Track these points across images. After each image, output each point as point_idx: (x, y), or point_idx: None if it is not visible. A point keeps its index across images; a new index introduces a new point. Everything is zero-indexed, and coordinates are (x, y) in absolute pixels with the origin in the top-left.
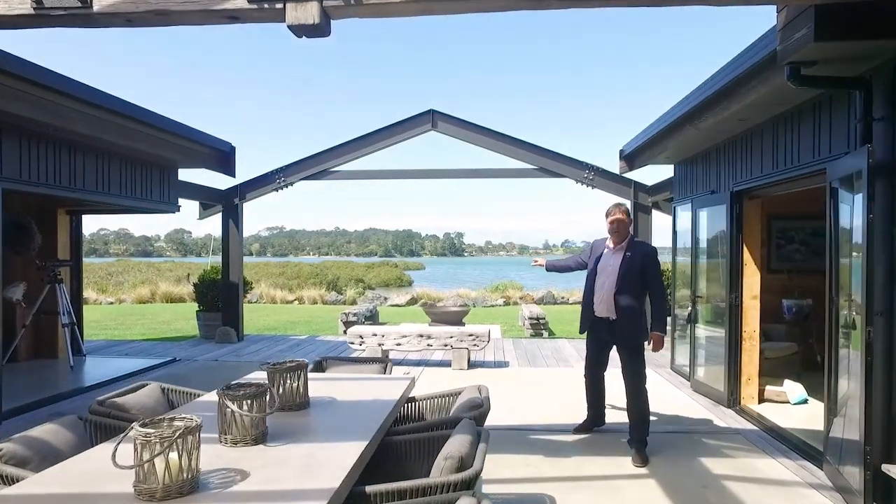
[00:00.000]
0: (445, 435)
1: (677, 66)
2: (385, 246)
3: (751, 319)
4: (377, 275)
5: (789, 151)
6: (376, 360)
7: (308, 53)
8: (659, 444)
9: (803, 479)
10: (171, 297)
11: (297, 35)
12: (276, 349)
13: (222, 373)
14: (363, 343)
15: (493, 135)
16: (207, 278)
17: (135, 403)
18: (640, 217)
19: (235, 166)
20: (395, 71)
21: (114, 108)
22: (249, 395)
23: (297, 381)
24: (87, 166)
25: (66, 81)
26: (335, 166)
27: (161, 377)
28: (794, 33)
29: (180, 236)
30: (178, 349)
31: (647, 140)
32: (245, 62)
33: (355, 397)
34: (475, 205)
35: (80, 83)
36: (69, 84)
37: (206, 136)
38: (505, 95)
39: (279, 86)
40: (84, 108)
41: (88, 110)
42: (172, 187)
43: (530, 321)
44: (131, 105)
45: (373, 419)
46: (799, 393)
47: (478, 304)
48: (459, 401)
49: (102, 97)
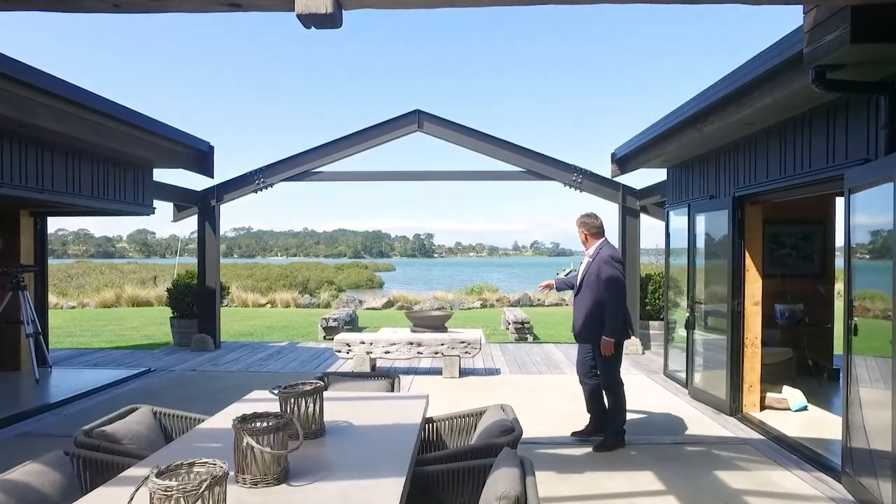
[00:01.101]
0: (483, 465)
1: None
2: (354, 247)
3: (752, 326)
4: (347, 276)
5: (799, 157)
6: (383, 376)
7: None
8: (669, 456)
9: (824, 494)
10: (137, 300)
11: (307, 25)
12: (256, 357)
13: (203, 384)
14: (350, 351)
15: (480, 136)
16: (182, 283)
17: (126, 432)
18: (627, 221)
19: (214, 167)
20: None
21: (85, 102)
22: (271, 428)
23: (313, 406)
24: (57, 165)
25: (32, 72)
26: (317, 167)
27: (136, 390)
28: (825, 35)
29: (143, 237)
30: (151, 358)
31: (645, 143)
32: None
33: (372, 420)
34: (445, 206)
35: (48, 74)
36: (36, 75)
37: (184, 135)
38: (488, 94)
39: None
40: (52, 101)
41: (57, 104)
42: (147, 188)
43: (515, 325)
44: (104, 100)
45: (402, 448)
46: (799, 400)
47: (455, 306)
48: (484, 422)
49: (73, 90)
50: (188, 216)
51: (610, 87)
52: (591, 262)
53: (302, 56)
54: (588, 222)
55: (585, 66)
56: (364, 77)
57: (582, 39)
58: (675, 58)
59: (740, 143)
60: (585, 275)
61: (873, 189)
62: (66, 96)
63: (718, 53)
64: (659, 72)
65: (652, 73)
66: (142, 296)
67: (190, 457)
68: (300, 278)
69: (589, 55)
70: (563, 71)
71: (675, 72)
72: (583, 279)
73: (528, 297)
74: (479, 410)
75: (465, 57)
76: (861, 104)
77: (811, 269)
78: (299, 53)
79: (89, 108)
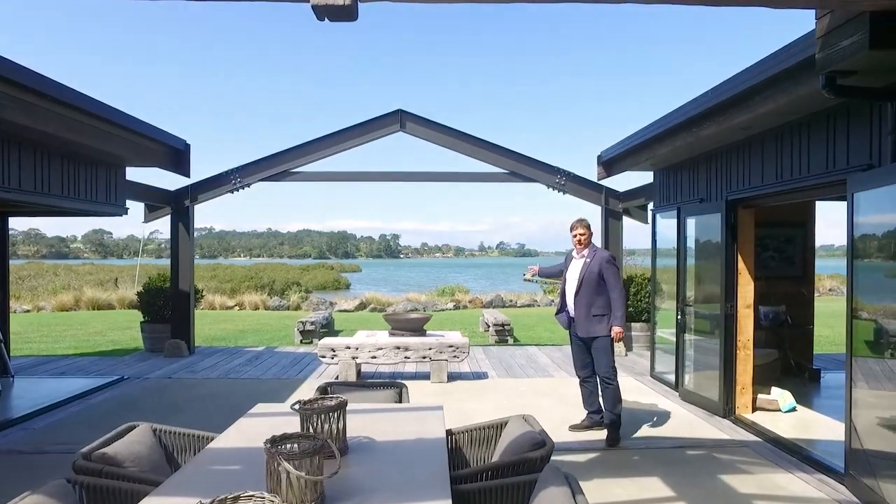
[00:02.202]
0: (522, 483)
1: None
2: (319, 248)
3: (745, 328)
4: (313, 277)
5: (796, 161)
6: (390, 385)
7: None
8: (672, 460)
9: (829, 496)
10: (98, 303)
11: (320, 18)
12: (234, 363)
13: (182, 392)
14: (335, 356)
15: (464, 137)
16: (154, 285)
17: (128, 454)
18: (610, 223)
19: (190, 165)
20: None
21: (55, 95)
22: (308, 452)
23: (337, 424)
24: (24, 162)
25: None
26: (296, 167)
27: (111, 400)
28: (840, 40)
29: (99, 237)
30: (123, 365)
31: (635, 146)
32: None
33: (393, 436)
34: (410, 207)
35: (14, 63)
36: (2, 64)
37: (159, 132)
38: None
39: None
40: (19, 93)
41: (24, 96)
42: (120, 188)
43: (495, 328)
44: (77, 93)
45: (435, 466)
46: (789, 401)
47: (428, 308)
48: (510, 435)
49: (43, 82)
50: (160, 217)
51: (598, 94)
52: (588, 262)
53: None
54: (589, 226)
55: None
56: (364, 75)
57: (571, 43)
58: (664, 60)
59: (734, 147)
60: (585, 275)
61: (877, 191)
62: (35, 88)
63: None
64: (645, 76)
65: (644, 78)
66: (103, 299)
67: (207, 482)
68: (265, 279)
69: (579, 59)
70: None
71: (660, 75)
72: (583, 279)
73: (501, 298)
74: (501, 422)
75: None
76: (863, 110)
77: (793, 272)
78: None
79: (61, 101)
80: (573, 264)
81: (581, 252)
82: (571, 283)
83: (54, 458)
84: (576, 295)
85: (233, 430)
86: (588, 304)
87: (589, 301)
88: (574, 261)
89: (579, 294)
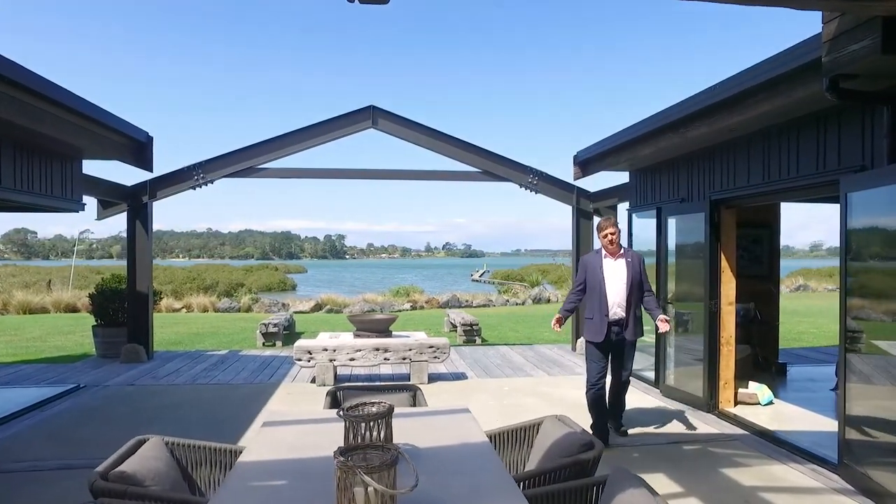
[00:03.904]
0: (584, 486)
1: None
2: (262, 248)
3: (727, 325)
4: (258, 278)
5: (785, 162)
6: (403, 388)
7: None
8: (671, 456)
9: (826, 485)
10: (29, 307)
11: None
12: (199, 368)
13: (149, 401)
14: (312, 359)
15: (437, 135)
16: (107, 288)
17: (147, 471)
18: (581, 223)
19: (153, 159)
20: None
21: (15, 77)
22: (386, 464)
23: (384, 431)
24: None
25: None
26: (263, 163)
27: (71, 411)
28: (849, 45)
29: (22, 237)
30: (75, 372)
31: (616, 146)
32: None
33: (435, 441)
34: (356, 207)
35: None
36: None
37: (122, 122)
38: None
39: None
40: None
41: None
42: (76, 182)
43: (463, 328)
44: (32, 74)
45: (496, 472)
46: (767, 394)
47: (385, 308)
48: (548, 436)
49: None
50: (115, 214)
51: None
52: (630, 262)
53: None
54: (617, 223)
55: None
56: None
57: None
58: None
59: (717, 148)
60: (633, 276)
61: (872, 191)
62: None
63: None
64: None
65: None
66: (35, 302)
67: (257, 499)
68: (208, 280)
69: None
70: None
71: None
72: (632, 281)
73: (458, 298)
74: (535, 422)
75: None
76: (855, 113)
77: (760, 271)
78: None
79: (15, 83)
80: (609, 267)
81: (617, 253)
82: (617, 285)
83: (18, 477)
84: (627, 298)
85: (258, 442)
86: (636, 305)
87: (636, 302)
88: (609, 263)
89: (631, 296)
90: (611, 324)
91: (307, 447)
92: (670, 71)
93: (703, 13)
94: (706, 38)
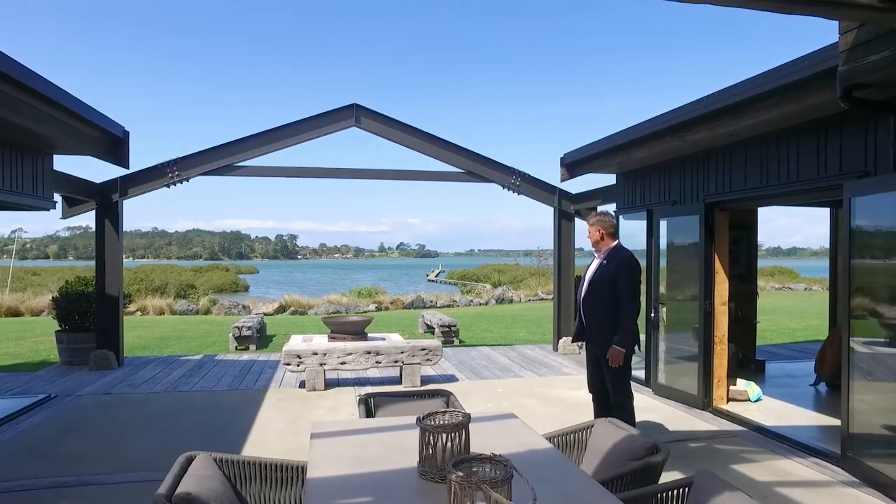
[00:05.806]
0: (663, 489)
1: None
2: (211, 248)
3: (720, 324)
4: (209, 279)
5: (784, 167)
6: (436, 394)
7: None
8: (680, 454)
9: (833, 478)
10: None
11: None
12: (176, 375)
13: (132, 411)
14: (301, 364)
15: (421, 135)
16: (72, 291)
17: (210, 492)
18: (563, 224)
19: (129, 155)
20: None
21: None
22: (505, 477)
23: (459, 442)
24: None
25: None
26: (241, 160)
27: (47, 425)
28: (868, 55)
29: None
30: (41, 381)
31: (608, 148)
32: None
33: (500, 449)
34: (307, 207)
35: None
36: None
37: (98, 115)
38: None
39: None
40: None
41: None
42: (48, 178)
43: (441, 329)
44: (12, 61)
45: (580, 480)
46: (756, 391)
47: (350, 310)
48: (603, 439)
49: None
50: (82, 212)
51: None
52: (604, 263)
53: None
54: (605, 220)
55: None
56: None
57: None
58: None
59: (713, 151)
60: (596, 277)
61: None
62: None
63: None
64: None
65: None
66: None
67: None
68: (157, 282)
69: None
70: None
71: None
72: (592, 281)
73: (422, 298)
74: (586, 425)
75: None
76: (858, 120)
77: (740, 271)
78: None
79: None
80: (590, 266)
81: (599, 253)
82: (583, 287)
83: (7, 499)
84: (583, 299)
85: (318, 456)
86: (595, 313)
87: (597, 310)
88: (593, 262)
89: (587, 299)
90: (581, 329)
91: (373, 460)
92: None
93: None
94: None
